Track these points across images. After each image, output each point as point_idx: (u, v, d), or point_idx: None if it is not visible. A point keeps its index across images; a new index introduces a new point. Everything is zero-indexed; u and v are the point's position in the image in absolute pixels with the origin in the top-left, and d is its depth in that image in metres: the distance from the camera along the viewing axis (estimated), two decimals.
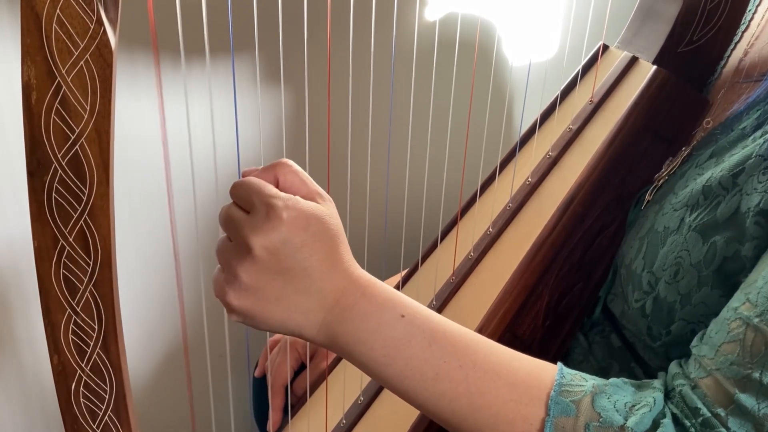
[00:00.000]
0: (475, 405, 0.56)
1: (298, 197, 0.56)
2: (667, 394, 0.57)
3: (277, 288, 0.55)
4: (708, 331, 0.58)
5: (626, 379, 0.59)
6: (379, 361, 0.57)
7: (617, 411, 0.54)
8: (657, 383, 0.58)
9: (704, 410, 0.54)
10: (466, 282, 0.84)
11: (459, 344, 0.57)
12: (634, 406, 0.55)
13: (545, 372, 0.57)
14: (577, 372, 0.58)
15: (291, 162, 0.60)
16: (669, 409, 0.55)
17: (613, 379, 0.58)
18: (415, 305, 0.59)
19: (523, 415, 0.55)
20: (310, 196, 0.58)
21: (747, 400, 0.52)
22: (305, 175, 0.59)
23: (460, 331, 0.59)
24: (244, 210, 0.57)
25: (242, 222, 0.56)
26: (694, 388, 0.55)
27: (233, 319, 0.57)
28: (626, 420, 0.54)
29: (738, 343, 0.54)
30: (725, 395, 0.53)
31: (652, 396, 0.56)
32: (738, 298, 0.56)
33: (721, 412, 0.53)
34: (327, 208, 0.58)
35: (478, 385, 0.56)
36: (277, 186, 0.58)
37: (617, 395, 0.56)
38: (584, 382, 0.57)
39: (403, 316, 0.57)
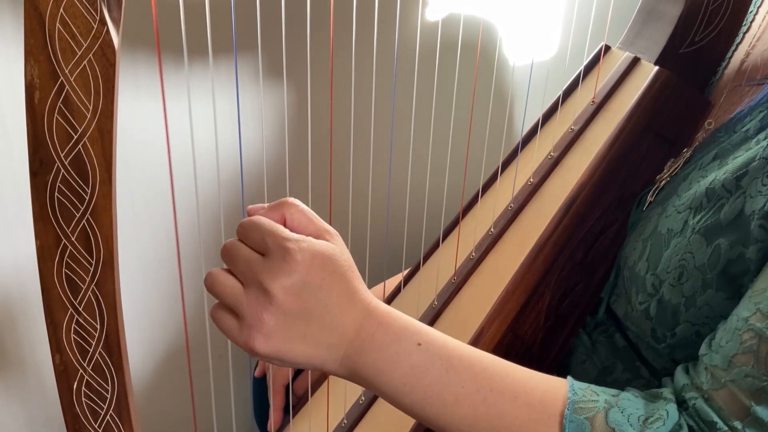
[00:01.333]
0: (495, 427, 0.57)
1: (310, 238, 0.57)
2: (680, 405, 0.57)
3: (301, 327, 0.56)
4: (717, 339, 0.58)
5: (637, 391, 0.59)
6: (400, 390, 0.58)
7: (631, 425, 0.55)
8: (667, 393, 0.58)
9: (721, 423, 0.54)
10: (468, 282, 0.84)
11: (476, 368, 0.58)
12: (647, 419, 0.55)
13: (559, 389, 0.58)
14: (587, 386, 0.59)
15: (297, 201, 0.60)
16: (685, 420, 0.55)
17: (624, 393, 0.59)
18: (430, 332, 0.59)
19: None
20: (318, 234, 0.58)
21: (763, 412, 0.52)
22: (312, 213, 0.60)
23: (476, 354, 0.59)
24: (255, 251, 0.57)
25: (259, 266, 0.55)
26: (707, 400, 0.56)
27: (257, 358, 0.58)
28: None
29: (752, 355, 0.54)
30: (741, 408, 0.53)
31: (665, 408, 0.56)
32: (748, 308, 0.56)
33: (738, 425, 0.53)
34: (337, 245, 0.58)
35: (498, 407, 0.57)
36: (284, 225, 0.58)
37: (630, 408, 0.56)
38: (596, 396, 0.57)
39: (419, 344, 0.58)
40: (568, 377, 0.60)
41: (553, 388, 0.58)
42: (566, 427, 0.55)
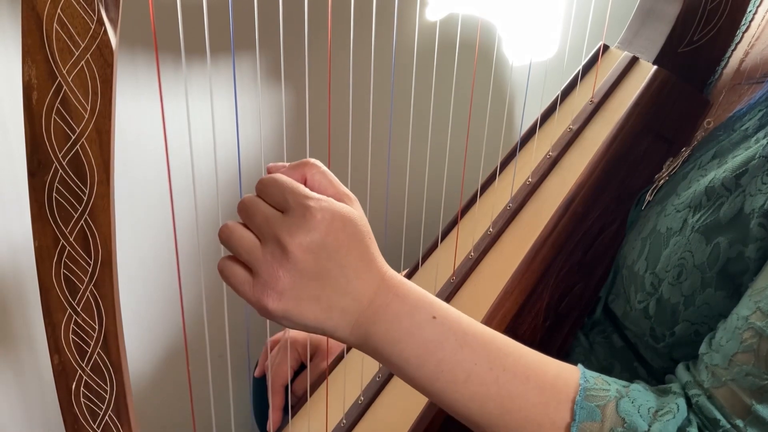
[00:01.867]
0: (505, 408, 0.56)
1: (331, 198, 0.56)
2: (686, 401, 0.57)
3: (316, 288, 0.55)
4: (717, 338, 0.58)
5: (646, 385, 0.59)
6: (411, 362, 0.57)
7: (641, 416, 0.55)
8: (676, 387, 0.58)
9: (723, 421, 0.54)
10: (467, 282, 0.84)
11: (490, 347, 0.58)
12: (657, 411, 0.55)
13: (570, 375, 0.58)
14: (599, 375, 0.59)
15: (318, 162, 0.59)
16: (693, 417, 0.55)
17: (634, 384, 0.58)
18: (445, 307, 0.59)
19: (552, 419, 0.56)
20: (338, 197, 0.58)
21: (764, 410, 0.52)
22: (332, 176, 0.59)
23: (490, 333, 0.59)
24: (274, 208, 0.56)
25: (278, 222, 0.55)
26: (710, 398, 0.56)
27: (267, 317, 0.57)
28: (650, 426, 0.54)
29: (752, 353, 0.54)
30: (742, 406, 0.53)
31: (675, 402, 0.56)
32: (748, 306, 0.56)
33: (740, 423, 0.53)
34: (357, 210, 0.58)
35: (509, 388, 0.56)
36: (304, 185, 0.57)
37: (641, 399, 0.56)
38: (608, 386, 0.57)
39: (434, 317, 0.57)
40: (579, 365, 0.59)
41: (565, 374, 0.58)
42: (577, 413, 0.55)
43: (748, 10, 0.83)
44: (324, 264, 0.55)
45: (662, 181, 0.76)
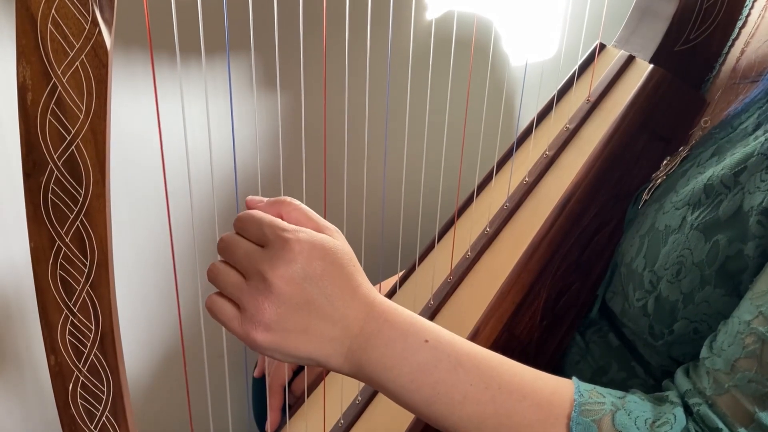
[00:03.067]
0: (503, 426, 0.56)
1: (308, 229, 0.57)
2: (685, 410, 0.57)
3: (302, 320, 0.56)
4: (719, 342, 0.58)
5: (642, 393, 0.59)
6: (406, 387, 0.57)
7: (638, 428, 0.55)
8: (673, 396, 0.58)
9: (726, 430, 0.54)
10: (464, 282, 0.84)
11: (483, 366, 0.58)
12: (654, 422, 0.55)
13: (566, 391, 0.58)
14: (593, 387, 0.59)
15: (294, 199, 0.60)
16: (692, 425, 0.55)
17: (630, 395, 0.58)
18: (437, 329, 0.59)
19: None
20: (317, 230, 0.58)
21: (767, 417, 0.52)
22: (310, 211, 0.60)
23: (483, 353, 0.59)
24: (255, 243, 0.57)
25: (258, 256, 0.55)
26: (711, 406, 0.55)
27: (258, 351, 0.57)
28: None
29: (755, 359, 0.53)
30: (745, 413, 0.53)
31: (672, 412, 0.56)
32: (749, 311, 0.56)
33: (742, 430, 0.53)
34: (338, 240, 0.58)
35: (506, 406, 0.56)
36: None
37: (637, 411, 0.56)
38: (603, 398, 0.57)
39: (427, 341, 0.57)
40: (573, 378, 0.59)
41: (560, 389, 0.58)
42: (573, 429, 0.55)
43: (744, 5, 0.83)
44: (309, 294, 0.55)
45: (659, 180, 0.76)
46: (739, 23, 0.83)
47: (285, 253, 0.54)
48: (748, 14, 0.83)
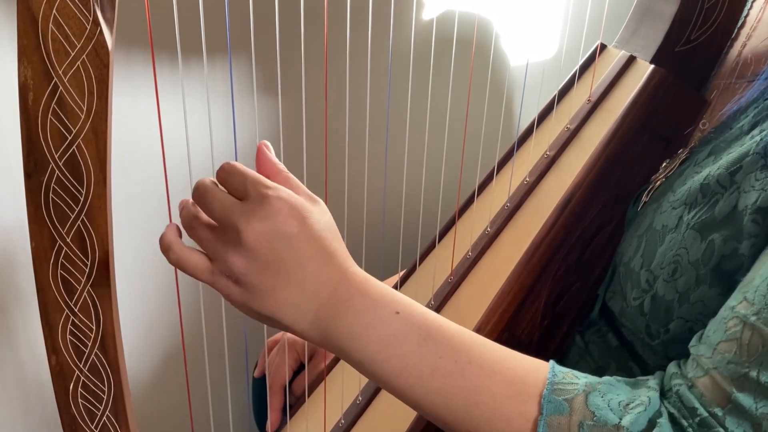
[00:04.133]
0: (471, 402, 0.56)
1: (291, 191, 0.56)
2: (664, 394, 0.57)
3: (270, 278, 0.55)
4: (706, 330, 0.58)
5: (620, 378, 0.59)
6: (374, 357, 0.56)
7: (611, 410, 0.54)
8: (652, 382, 0.58)
9: (701, 410, 0.53)
10: (464, 282, 0.84)
11: (455, 341, 0.57)
12: (628, 404, 0.55)
13: (540, 370, 0.57)
14: (569, 370, 0.58)
15: (287, 172, 0.59)
16: (666, 408, 0.55)
17: (606, 378, 0.58)
18: (410, 302, 0.58)
19: (520, 411, 0.55)
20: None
21: (744, 399, 0.51)
22: (297, 181, 0.59)
23: (456, 328, 0.58)
24: (234, 196, 0.56)
25: (235, 209, 0.55)
26: (691, 387, 0.55)
27: (233, 305, 0.57)
28: (621, 419, 0.53)
29: (735, 342, 0.53)
30: (722, 394, 0.53)
31: (647, 395, 0.56)
32: (735, 297, 0.56)
33: (719, 411, 0.52)
34: (320, 207, 0.58)
35: (475, 381, 0.56)
36: None
37: (611, 393, 0.56)
38: (576, 380, 0.57)
39: (398, 312, 0.57)
40: (551, 361, 0.59)
41: (534, 369, 0.57)
42: (544, 407, 0.54)
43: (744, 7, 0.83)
44: (280, 254, 0.54)
45: (659, 183, 0.76)
46: (738, 23, 0.83)
47: (262, 209, 0.54)
48: (747, 14, 0.83)
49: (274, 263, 0.55)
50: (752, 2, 0.83)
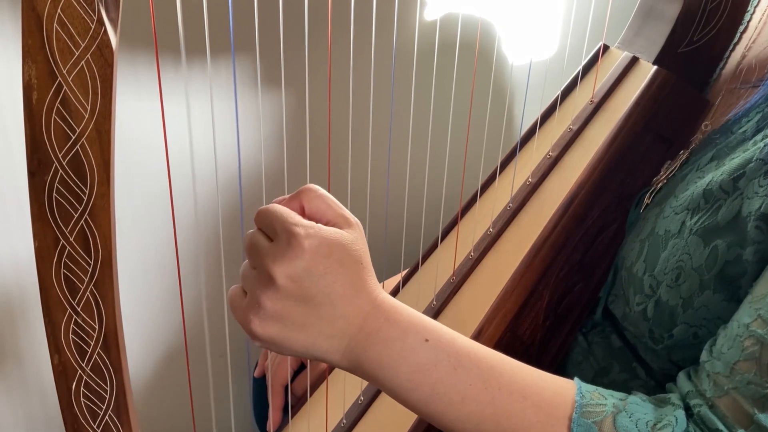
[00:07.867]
0: (502, 427, 0.56)
1: (320, 225, 0.56)
2: (686, 411, 0.57)
3: (301, 315, 0.56)
4: (718, 345, 0.58)
5: (644, 395, 0.59)
6: (405, 386, 0.57)
7: (639, 430, 0.55)
8: (675, 398, 0.58)
9: (725, 431, 0.54)
10: (467, 282, 0.84)
11: (484, 366, 0.57)
12: (656, 424, 0.55)
13: (568, 392, 0.58)
14: (595, 388, 0.58)
15: (316, 187, 0.59)
16: (693, 427, 0.55)
17: (632, 397, 0.58)
18: (438, 328, 0.59)
19: None
20: (335, 221, 0.58)
21: (766, 419, 0.52)
22: (331, 199, 0.59)
23: (484, 352, 0.59)
24: (267, 237, 0.57)
25: (265, 250, 0.56)
26: (711, 407, 0.55)
27: (257, 344, 0.57)
28: None
29: (754, 362, 0.54)
30: (744, 415, 0.53)
31: (674, 414, 0.56)
32: (748, 314, 0.56)
33: None
34: (351, 234, 0.58)
35: (506, 407, 0.56)
36: (302, 213, 0.58)
37: (638, 414, 0.56)
38: (604, 400, 0.57)
39: (427, 340, 0.57)
40: (575, 378, 0.59)
41: (562, 390, 0.58)
42: (574, 430, 0.55)
43: (747, 8, 0.83)
44: (309, 291, 0.55)
45: (660, 185, 0.76)
46: (741, 28, 0.83)
47: (290, 249, 0.54)
48: (750, 19, 0.83)
49: (305, 300, 0.55)
50: (755, 7, 0.83)
